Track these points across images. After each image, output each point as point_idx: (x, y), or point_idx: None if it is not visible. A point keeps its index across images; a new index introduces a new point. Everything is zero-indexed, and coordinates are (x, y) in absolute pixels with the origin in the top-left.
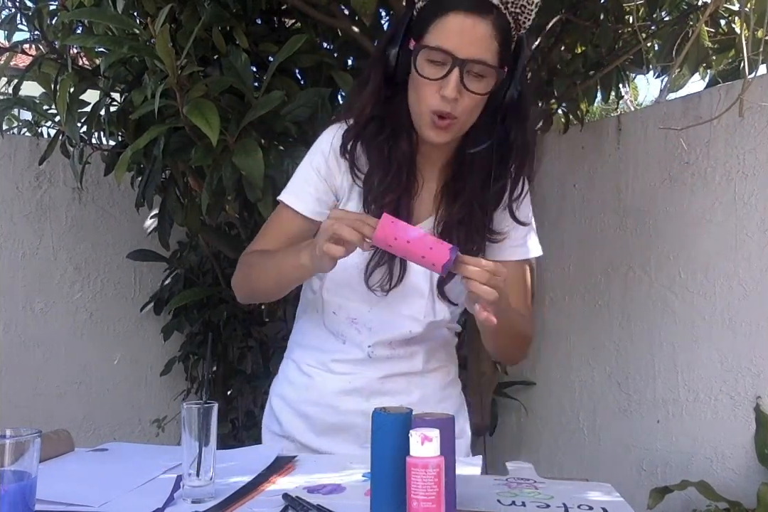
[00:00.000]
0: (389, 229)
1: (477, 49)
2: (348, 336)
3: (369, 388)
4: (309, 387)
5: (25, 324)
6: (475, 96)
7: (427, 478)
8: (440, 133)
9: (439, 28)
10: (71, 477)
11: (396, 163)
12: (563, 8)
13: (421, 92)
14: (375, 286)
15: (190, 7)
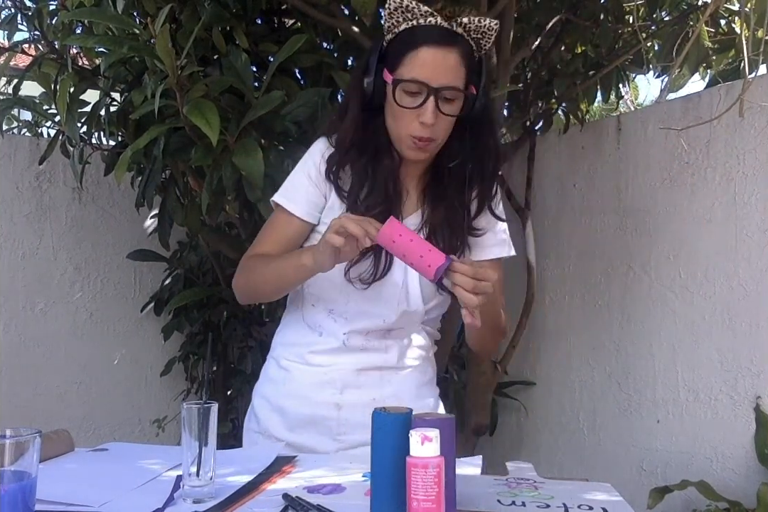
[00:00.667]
0: (396, 227)
1: (448, 77)
2: (325, 327)
3: (343, 380)
4: (286, 380)
5: (25, 324)
6: (449, 117)
7: (427, 478)
8: (420, 153)
9: (412, 61)
10: (71, 477)
11: (382, 179)
12: (563, 8)
13: (400, 120)
14: (355, 279)
15: (190, 7)
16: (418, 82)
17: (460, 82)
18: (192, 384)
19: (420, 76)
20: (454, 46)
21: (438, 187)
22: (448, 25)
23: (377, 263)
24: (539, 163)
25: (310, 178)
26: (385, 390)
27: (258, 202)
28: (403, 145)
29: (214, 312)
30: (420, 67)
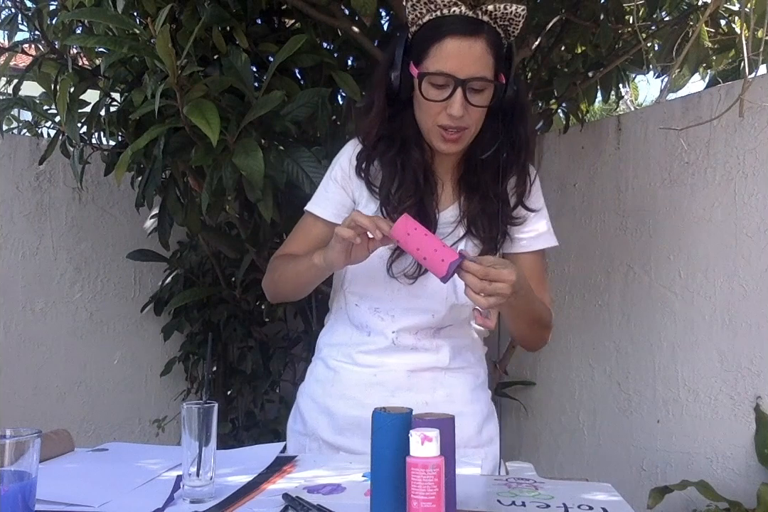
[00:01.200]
0: (410, 222)
1: (475, 67)
2: (372, 327)
3: (394, 382)
4: (334, 381)
5: (25, 324)
6: (478, 108)
7: (427, 478)
8: (451, 145)
9: (437, 53)
10: (71, 477)
11: (411, 172)
12: (563, 8)
13: (428, 112)
14: (399, 274)
15: (190, 7)
16: (444, 75)
17: (488, 72)
18: (192, 384)
19: (446, 68)
20: (479, 35)
21: (473, 178)
22: (473, 14)
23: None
24: (539, 163)
25: (336, 180)
26: (438, 394)
27: (258, 202)
28: (433, 137)
29: (214, 312)
30: (446, 58)
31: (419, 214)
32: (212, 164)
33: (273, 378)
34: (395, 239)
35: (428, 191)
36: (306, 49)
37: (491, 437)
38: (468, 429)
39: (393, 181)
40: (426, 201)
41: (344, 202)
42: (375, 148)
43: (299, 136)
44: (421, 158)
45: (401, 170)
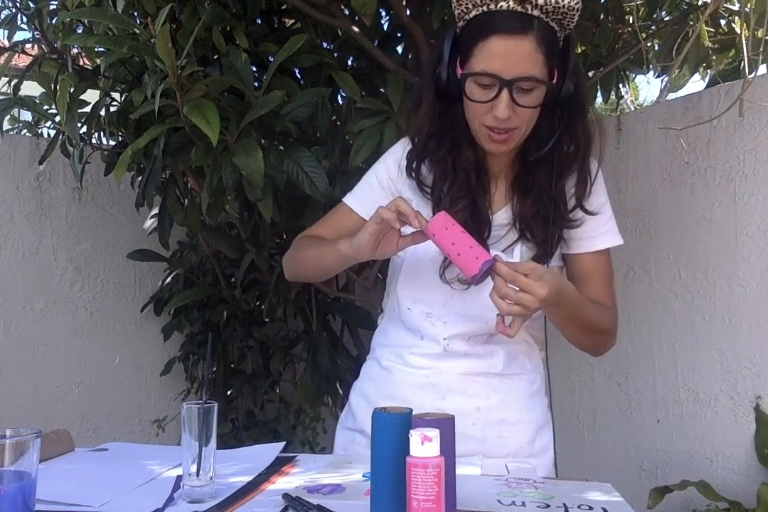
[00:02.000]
0: (449, 218)
1: (522, 67)
2: (425, 331)
3: (446, 385)
4: (387, 380)
5: (25, 324)
6: (528, 109)
7: (427, 478)
8: (500, 146)
9: (482, 52)
10: (71, 477)
11: (463, 171)
12: None
13: (474, 112)
14: (453, 280)
15: (190, 7)
16: (488, 75)
17: (537, 71)
18: (192, 384)
19: (490, 69)
20: (528, 32)
21: (527, 178)
22: (522, 9)
23: None
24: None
25: (378, 178)
26: (491, 400)
27: (258, 202)
28: (481, 138)
29: (214, 312)
30: (491, 58)
31: (472, 216)
32: (212, 164)
33: (273, 378)
34: (431, 234)
35: (480, 191)
36: (306, 49)
37: (545, 447)
38: (520, 438)
39: (445, 180)
40: (479, 201)
41: (382, 203)
42: (425, 147)
43: (299, 136)
44: (473, 156)
45: (452, 169)
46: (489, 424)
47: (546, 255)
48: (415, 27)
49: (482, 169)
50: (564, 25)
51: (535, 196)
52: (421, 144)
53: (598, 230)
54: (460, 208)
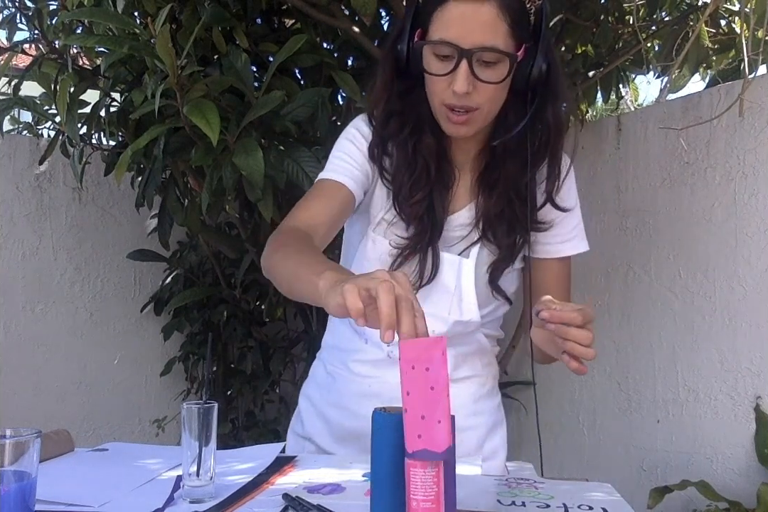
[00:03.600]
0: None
1: (483, 35)
2: (370, 336)
3: (389, 394)
4: (331, 387)
5: (25, 324)
6: (490, 85)
7: (426, 478)
8: (460, 128)
9: (439, 19)
10: (71, 477)
11: (423, 159)
12: (563, 8)
13: (432, 87)
14: None
15: (190, 7)
16: (446, 44)
17: (499, 42)
18: (192, 384)
19: (447, 36)
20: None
21: (494, 171)
22: None
23: (423, 265)
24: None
25: (354, 150)
26: None
27: (258, 202)
28: (441, 118)
29: (214, 312)
30: (448, 25)
31: (428, 211)
32: (212, 164)
33: (273, 378)
34: (406, 358)
35: (441, 184)
36: (306, 49)
37: (495, 449)
38: (469, 444)
39: (406, 168)
40: (438, 196)
41: (363, 179)
42: (386, 126)
43: (299, 136)
44: (434, 144)
45: (413, 156)
46: None
47: (508, 260)
48: None
49: (445, 159)
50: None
51: (501, 191)
52: (381, 123)
53: (566, 236)
54: (417, 199)
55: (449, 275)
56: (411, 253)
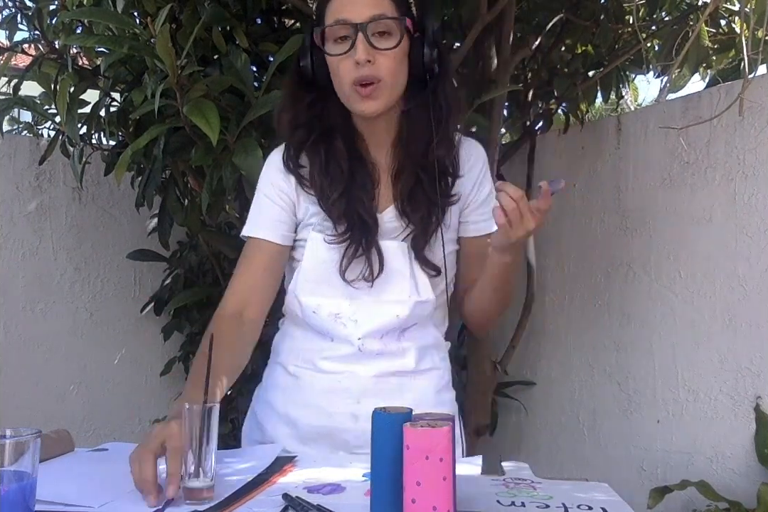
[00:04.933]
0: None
1: (371, 8)
2: (335, 333)
3: (359, 388)
4: (296, 388)
5: (25, 324)
6: (389, 53)
7: None
8: (370, 102)
9: (331, 6)
10: (71, 477)
11: (334, 162)
12: (563, 8)
13: (339, 70)
14: (356, 279)
15: (190, 7)
16: (340, 23)
17: (387, 10)
18: None
19: (341, 16)
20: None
21: (404, 159)
22: None
23: (370, 259)
24: (539, 163)
25: (268, 197)
26: (405, 398)
27: None
28: (351, 99)
29: (214, 312)
30: (340, 8)
31: (352, 209)
32: (212, 164)
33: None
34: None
35: (359, 183)
36: None
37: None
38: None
39: (321, 171)
40: (357, 194)
41: (283, 219)
42: (293, 137)
43: None
44: (344, 147)
45: (325, 159)
46: None
47: (425, 234)
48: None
49: (359, 159)
50: None
51: (409, 172)
52: (288, 134)
53: (484, 216)
54: (335, 198)
55: (401, 261)
56: (354, 250)
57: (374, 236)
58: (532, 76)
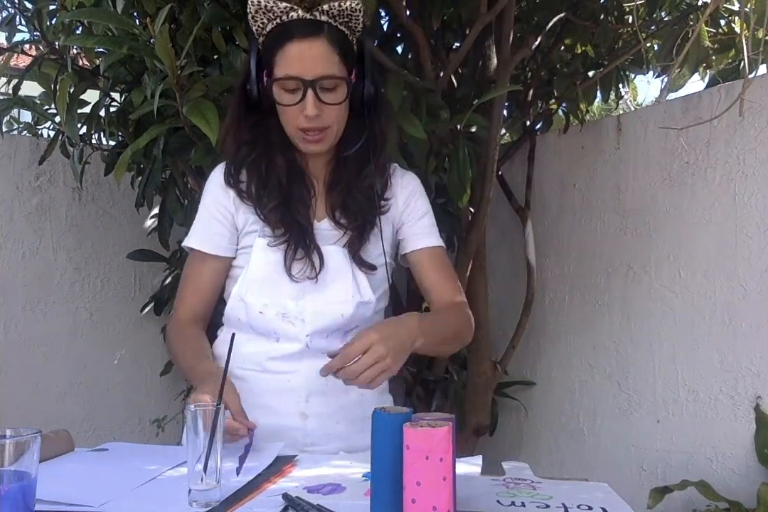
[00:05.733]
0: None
1: (321, 67)
2: (282, 333)
3: (307, 387)
4: (243, 390)
5: (25, 324)
6: (335, 106)
7: None
8: (316, 145)
9: (283, 58)
10: (71, 477)
11: (274, 177)
12: (563, 8)
13: (286, 117)
14: (300, 276)
15: (190, 7)
16: (292, 78)
17: (335, 70)
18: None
19: (292, 72)
20: (319, 35)
21: (337, 175)
22: (311, 16)
23: (310, 258)
24: (539, 163)
25: (209, 210)
26: (351, 396)
27: None
28: (298, 141)
29: (214, 312)
30: (291, 62)
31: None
32: (212, 164)
33: None
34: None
35: (297, 194)
36: None
37: None
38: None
39: (259, 184)
40: (294, 204)
41: (223, 232)
42: (237, 154)
43: None
44: (284, 163)
45: (265, 174)
46: (352, 421)
47: (359, 238)
48: (415, 27)
49: (298, 173)
50: (352, 27)
51: (342, 187)
52: (232, 152)
53: (424, 232)
54: (273, 206)
55: (342, 264)
56: (294, 251)
57: (312, 238)
58: (532, 76)
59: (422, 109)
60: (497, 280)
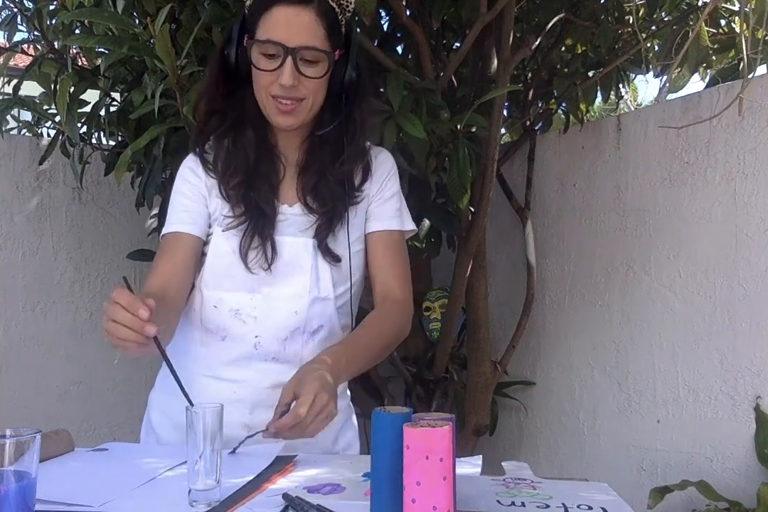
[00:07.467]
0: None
1: (305, 36)
2: (230, 330)
3: (253, 399)
4: (192, 398)
5: (25, 324)
6: (314, 80)
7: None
8: (287, 117)
9: (266, 22)
10: (71, 477)
11: (242, 150)
12: (563, 8)
13: (261, 81)
14: (254, 266)
15: (190, 7)
16: (273, 43)
17: (318, 43)
18: None
19: (274, 37)
20: (309, 4)
21: (311, 157)
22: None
23: (265, 248)
24: (539, 163)
25: (182, 192)
26: None
27: None
28: (269, 110)
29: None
30: (275, 26)
31: (249, 196)
32: None
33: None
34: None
35: (263, 172)
36: None
37: (349, 443)
38: (324, 440)
39: (226, 157)
40: (259, 183)
41: (198, 210)
42: (207, 123)
43: None
44: (254, 137)
45: (232, 146)
46: None
47: (328, 225)
48: (415, 27)
49: (267, 150)
50: (343, 6)
51: (314, 171)
52: (203, 120)
53: (387, 214)
54: (237, 182)
55: (303, 257)
56: (250, 238)
57: (270, 223)
58: (532, 76)
59: (422, 109)
60: (497, 280)
